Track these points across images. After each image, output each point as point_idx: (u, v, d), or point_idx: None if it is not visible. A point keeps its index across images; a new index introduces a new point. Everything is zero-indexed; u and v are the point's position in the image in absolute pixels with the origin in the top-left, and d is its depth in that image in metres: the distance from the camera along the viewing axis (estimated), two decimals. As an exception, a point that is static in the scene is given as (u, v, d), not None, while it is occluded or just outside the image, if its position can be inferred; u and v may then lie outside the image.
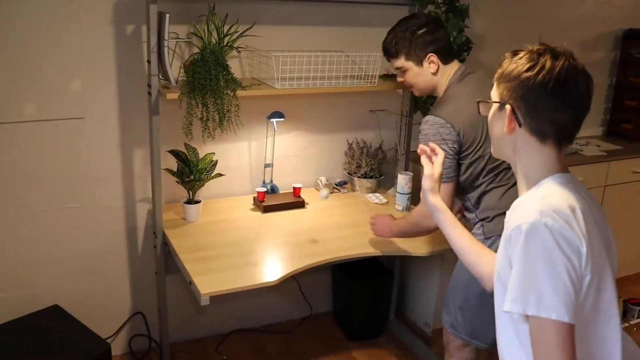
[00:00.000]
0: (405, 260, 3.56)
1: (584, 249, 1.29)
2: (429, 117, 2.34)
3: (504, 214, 1.55)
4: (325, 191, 2.93)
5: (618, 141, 4.28)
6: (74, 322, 2.68)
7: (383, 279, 3.44)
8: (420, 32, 2.40)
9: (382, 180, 3.40)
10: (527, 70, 1.39)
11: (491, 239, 2.31)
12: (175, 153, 2.81)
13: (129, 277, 3.11)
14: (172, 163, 2.85)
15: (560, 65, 1.37)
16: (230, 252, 2.56)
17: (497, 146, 1.54)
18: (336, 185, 3.36)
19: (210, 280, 2.30)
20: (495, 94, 1.50)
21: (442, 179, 1.95)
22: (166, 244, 2.74)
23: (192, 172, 2.83)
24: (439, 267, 3.36)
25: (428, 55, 2.40)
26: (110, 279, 3.06)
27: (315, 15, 3.16)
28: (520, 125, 1.42)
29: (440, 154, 1.85)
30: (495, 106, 1.50)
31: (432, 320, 3.45)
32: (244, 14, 2.90)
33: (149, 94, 2.60)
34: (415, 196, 3.22)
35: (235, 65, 2.95)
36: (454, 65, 2.46)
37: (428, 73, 2.43)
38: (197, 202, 2.88)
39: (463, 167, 2.34)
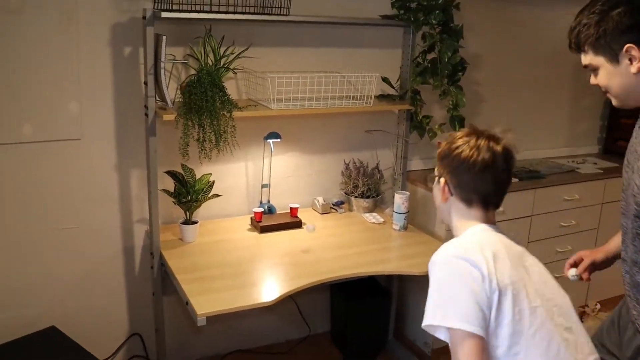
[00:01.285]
0: (403, 280, 3.56)
1: (485, 270, 1.53)
2: None
3: None
4: (311, 226, 2.97)
5: (614, 159, 4.29)
6: (71, 344, 2.66)
7: (381, 299, 3.43)
8: (615, 11, 1.60)
9: (379, 200, 3.41)
10: (455, 149, 1.68)
11: None
12: (172, 174, 2.82)
13: (126, 298, 3.10)
14: (169, 184, 2.86)
15: (481, 147, 1.65)
16: (227, 273, 2.56)
17: (439, 210, 1.83)
18: (333, 205, 3.37)
19: (207, 301, 2.30)
20: (436, 170, 1.79)
21: None
22: (163, 264, 2.74)
23: (189, 193, 2.84)
24: (436, 287, 3.35)
25: (625, 47, 1.60)
26: (108, 300, 3.05)
27: (310, 36, 3.18)
28: (452, 195, 1.73)
29: None
30: (435, 179, 1.80)
31: (432, 339, 3.44)
32: (240, 36, 2.92)
33: (146, 115, 2.62)
34: (412, 216, 3.23)
35: (231, 87, 2.97)
36: None
37: (628, 73, 1.62)
38: (194, 222, 2.88)
39: None
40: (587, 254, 2.13)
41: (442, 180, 1.74)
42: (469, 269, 1.53)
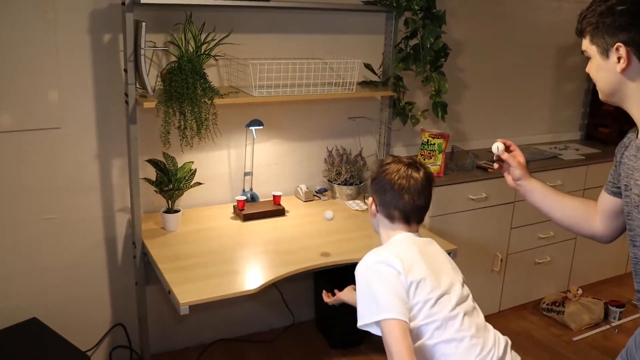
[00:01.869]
0: (387, 267, 3.56)
1: (399, 267, 1.76)
2: None
3: None
4: (330, 214, 2.89)
5: (596, 145, 4.32)
6: (52, 335, 2.64)
7: (365, 286, 3.43)
8: (619, 7, 1.59)
9: (362, 187, 3.40)
10: (379, 174, 1.94)
11: None
12: (153, 162, 2.80)
13: (109, 288, 3.08)
14: (151, 172, 2.83)
15: (401, 172, 1.90)
16: (210, 261, 2.55)
17: (372, 225, 2.08)
18: (316, 192, 3.36)
19: (189, 290, 2.29)
20: (369, 189, 2.04)
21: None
22: (145, 253, 2.72)
23: (171, 181, 2.81)
24: (420, 273, 3.36)
25: (616, 45, 1.61)
26: (90, 290, 3.03)
27: (292, 22, 3.16)
28: (377, 211, 1.97)
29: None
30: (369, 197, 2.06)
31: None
32: (221, 22, 2.90)
33: (126, 103, 2.59)
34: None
35: (212, 74, 2.94)
36: None
37: (615, 71, 1.64)
38: (177, 211, 2.86)
39: None
40: (519, 157, 2.06)
41: (370, 199, 2.00)
42: (387, 269, 1.77)
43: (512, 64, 4.06)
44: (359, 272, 1.84)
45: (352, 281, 3.37)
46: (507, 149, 2.05)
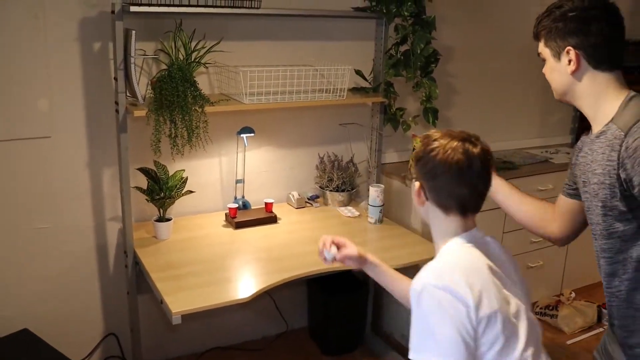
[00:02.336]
0: (380, 273, 3.56)
1: (470, 301, 1.43)
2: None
3: None
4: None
5: (586, 149, 4.33)
6: (44, 346, 2.62)
7: (358, 293, 3.43)
8: (571, 13, 1.71)
9: (354, 193, 3.40)
10: (429, 151, 1.57)
11: None
12: (144, 171, 2.79)
13: (100, 297, 3.06)
14: (142, 181, 2.82)
15: (457, 149, 1.54)
16: (202, 270, 2.54)
17: (419, 214, 1.75)
18: (308, 199, 3.35)
19: (181, 299, 2.27)
20: (412, 170, 1.73)
21: None
22: (137, 263, 2.70)
23: (162, 190, 2.80)
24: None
25: (567, 48, 1.73)
26: (81, 300, 3.01)
27: (282, 29, 3.16)
28: (427, 199, 1.63)
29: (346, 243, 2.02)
30: (413, 184, 1.68)
31: (409, 331, 3.44)
32: (211, 30, 2.89)
33: (117, 111, 2.58)
34: (387, 208, 3.23)
35: (203, 81, 2.94)
36: (617, 85, 1.72)
37: (566, 72, 1.76)
38: (168, 219, 2.85)
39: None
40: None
41: (417, 184, 1.63)
42: (453, 303, 1.44)
43: (502, 69, 4.07)
44: (416, 294, 1.50)
45: (344, 288, 3.38)
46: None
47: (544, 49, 1.82)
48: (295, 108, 3.26)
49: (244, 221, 2.99)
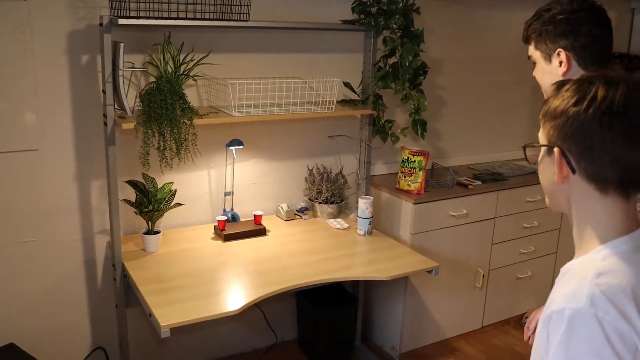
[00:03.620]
0: (369, 285, 3.56)
1: None
2: None
3: None
4: None
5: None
6: (31, 361, 2.61)
7: (347, 305, 3.42)
8: (560, 15, 1.79)
9: (344, 205, 3.40)
10: (576, 103, 1.12)
11: None
12: (133, 183, 2.78)
13: (89, 311, 3.04)
14: (131, 193, 2.81)
15: (619, 93, 1.09)
16: (191, 283, 2.53)
17: (550, 197, 1.25)
18: (297, 211, 3.35)
19: (170, 312, 2.26)
20: (542, 136, 1.22)
21: None
22: (126, 276, 2.69)
23: (151, 202, 2.79)
24: (403, 291, 3.35)
25: (557, 50, 1.80)
26: (69, 314, 2.99)
27: (271, 42, 3.17)
28: (574, 172, 1.15)
29: None
30: (543, 150, 1.22)
31: (399, 343, 3.44)
32: (200, 42, 2.89)
33: (105, 124, 2.57)
34: (376, 220, 3.23)
35: (192, 94, 2.94)
36: None
37: (557, 74, 1.81)
38: (157, 232, 2.84)
39: None
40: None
41: (557, 150, 1.15)
42: (621, 334, 1.04)
43: (490, 80, 4.09)
44: (564, 325, 1.07)
45: (333, 300, 3.37)
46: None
47: (534, 52, 1.86)
48: (284, 120, 3.26)
49: (233, 233, 2.99)
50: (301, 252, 2.89)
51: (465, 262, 3.58)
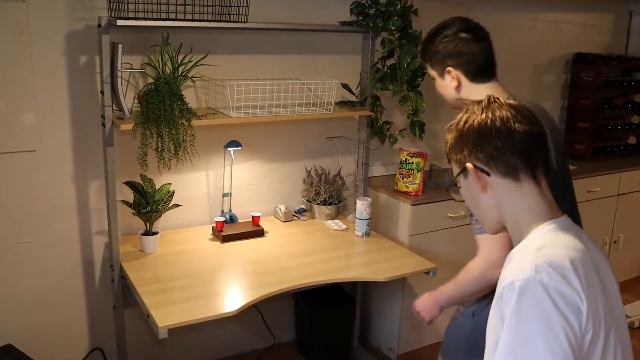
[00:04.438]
0: (367, 286, 3.56)
1: (584, 308, 1.18)
2: None
3: None
4: None
5: (572, 162, 4.34)
6: (29, 361, 2.61)
7: (345, 306, 3.42)
8: (445, 39, 2.09)
9: (342, 206, 3.40)
10: (464, 123, 1.38)
11: None
12: (131, 184, 2.78)
13: (86, 312, 3.04)
14: (129, 194, 2.81)
15: (488, 100, 1.39)
16: (189, 283, 2.53)
17: (483, 215, 1.42)
18: (295, 212, 3.35)
19: (168, 313, 2.26)
20: (454, 170, 1.43)
21: None
22: (124, 276, 2.69)
23: (149, 203, 2.79)
24: (401, 292, 3.36)
25: (447, 68, 2.08)
26: (67, 315, 2.99)
27: (269, 43, 3.17)
28: (489, 174, 1.34)
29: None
30: (462, 181, 1.42)
31: (397, 345, 3.44)
32: (198, 44, 2.90)
33: (103, 125, 2.57)
34: (374, 222, 3.23)
35: (190, 95, 2.94)
36: (496, 90, 2.10)
37: (451, 87, 2.10)
38: (155, 233, 2.84)
39: None
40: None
41: (469, 166, 1.36)
42: (564, 296, 1.18)
43: (488, 82, 4.09)
44: (514, 295, 1.20)
45: (331, 301, 3.37)
46: None
47: (431, 71, 2.15)
48: (283, 122, 3.27)
49: (231, 235, 2.99)
50: (299, 253, 2.89)
51: (463, 264, 3.56)
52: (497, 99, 1.39)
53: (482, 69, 2.09)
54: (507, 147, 1.31)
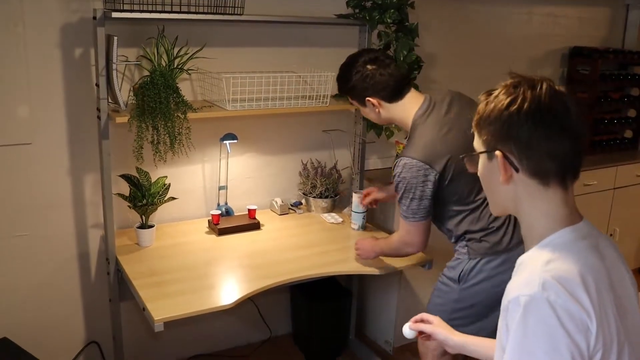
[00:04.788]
0: (364, 279, 3.56)
1: (593, 327, 1.13)
2: (405, 160, 2.28)
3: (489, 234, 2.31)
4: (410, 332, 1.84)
5: (568, 155, 4.36)
6: (24, 355, 2.59)
7: (342, 299, 3.43)
8: (357, 74, 2.38)
9: (338, 199, 3.40)
10: (508, 105, 1.22)
11: (477, 260, 2.37)
12: (126, 177, 2.77)
13: (82, 305, 3.04)
14: (124, 187, 2.80)
15: (544, 92, 1.22)
16: (185, 277, 2.53)
17: (495, 201, 1.34)
18: (291, 206, 3.35)
19: (164, 306, 2.26)
20: (479, 144, 1.31)
21: (420, 217, 2.35)
22: (119, 270, 2.69)
23: (145, 197, 2.79)
24: (397, 285, 3.36)
25: (366, 99, 2.40)
26: (63, 308, 2.98)
27: (265, 36, 3.16)
28: (517, 171, 1.24)
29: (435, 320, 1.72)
30: (483, 158, 1.30)
31: (393, 338, 3.45)
32: (194, 36, 2.88)
33: (98, 117, 2.57)
34: (370, 214, 3.23)
35: (186, 88, 2.93)
36: (413, 99, 2.40)
37: (374, 111, 2.43)
38: (151, 226, 2.83)
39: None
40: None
41: (498, 153, 1.24)
42: (572, 315, 1.12)
43: (484, 75, 4.06)
44: (520, 311, 1.15)
45: (327, 294, 3.37)
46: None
47: (352, 101, 2.51)
48: (279, 114, 3.26)
49: (227, 228, 2.98)
50: (295, 246, 2.89)
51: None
52: (549, 82, 1.25)
53: (395, 90, 2.39)
54: (546, 152, 1.21)
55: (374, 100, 2.38)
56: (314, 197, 3.33)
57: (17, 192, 2.74)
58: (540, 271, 1.17)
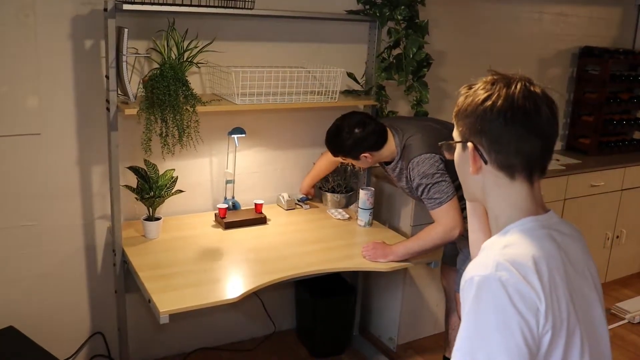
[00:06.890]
0: (369, 276, 3.56)
1: (542, 308, 1.17)
2: (416, 159, 2.62)
3: None
4: None
5: (576, 155, 4.35)
6: (30, 344, 2.61)
7: (346, 295, 3.43)
8: (348, 139, 2.69)
9: (350, 196, 3.39)
10: (484, 101, 1.28)
11: None
12: (134, 169, 2.78)
13: (88, 296, 3.05)
14: (132, 179, 2.81)
15: (517, 91, 1.27)
16: (190, 270, 2.53)
17: (467, 188, 1.42)
18: (298, 201, 3.35)
19: (170, 298, 2.27)
20: (456, 134, 1.38)
21: (452, 192, 2.57)
22: (125, 261, 2.69)
23: (152, 189, 2.79)
24: (402, 283, 3.36)
25: (361, 155, 2.72)
26: (68, 298, 3.00)
27: (275, 30, 3.16)
28: (486, 163, 1.31)
29: None
30: (458, 147, 1.38)
31: (397, 335, 3.45)
32: (204, 30, 2.89)
33: (107, 109, 2.57)
34: (377, 211, 3.23)
35: (195, 81, 2.93)
36: (391, 136, 2.74)
37: (366, 161, 2.76)
38: (157, 219, 2.84)
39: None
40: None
41: (470, 145, 1.32)
42: (522, 294, 1.17)
43: (493, 74, 4.08)
44: (473, 290, 1.20)
45: (332, 290, 3.38)
46: None
47: (346, 159, 2.82)
48: (287, 109, 3.26)
49: (233, 222, 2.99)
50: (301, 241, 2.89)
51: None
52: (526, 81, 1.31)
53: (379, 140, 2.72)
54: (515, 149, 1.27)
55: (367, 154, 2.71)
56: (326, 191, 3.34)
57: (25, 182, 2.75)
58: (495, 254, 1.23)
